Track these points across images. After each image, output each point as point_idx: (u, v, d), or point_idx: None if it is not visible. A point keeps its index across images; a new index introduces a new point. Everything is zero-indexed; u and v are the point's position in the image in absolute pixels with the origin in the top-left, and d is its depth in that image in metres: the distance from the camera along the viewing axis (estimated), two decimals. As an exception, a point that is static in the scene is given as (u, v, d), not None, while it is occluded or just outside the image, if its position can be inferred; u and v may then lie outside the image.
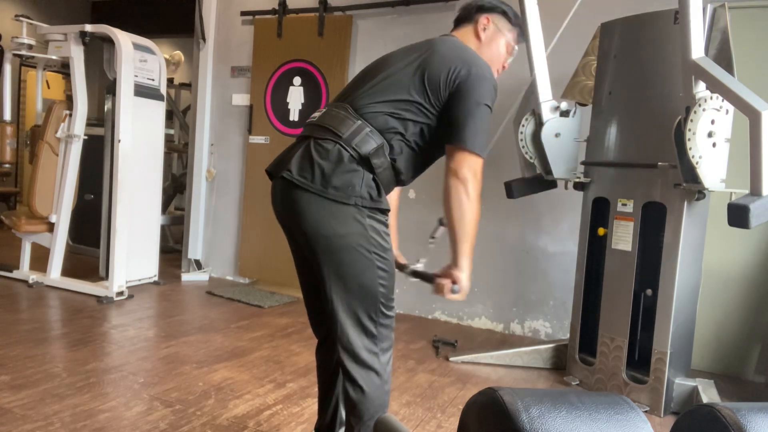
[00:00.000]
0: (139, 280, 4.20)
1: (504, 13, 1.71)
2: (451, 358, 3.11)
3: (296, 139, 1.60)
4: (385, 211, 1.52)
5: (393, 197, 1.83)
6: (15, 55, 4.05)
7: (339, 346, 1.53)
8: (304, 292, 1.71)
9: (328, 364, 1.74)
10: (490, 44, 1.68)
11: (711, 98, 2.26)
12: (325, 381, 1.77)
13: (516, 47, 1.74)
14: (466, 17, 1.72)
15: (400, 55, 1.61)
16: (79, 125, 3.91)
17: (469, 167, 1.47)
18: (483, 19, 1.68)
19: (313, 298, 1.68)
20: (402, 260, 1.84)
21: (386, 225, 1.53)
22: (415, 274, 1.68)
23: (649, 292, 2.67)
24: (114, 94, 3.97)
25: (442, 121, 1.52)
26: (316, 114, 1.59)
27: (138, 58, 3.97)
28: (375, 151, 1.46)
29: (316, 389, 2.51)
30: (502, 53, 1.71)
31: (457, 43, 1.61)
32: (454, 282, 1.54)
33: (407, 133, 1.51)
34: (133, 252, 4.02)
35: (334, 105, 1.57)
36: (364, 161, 1.46)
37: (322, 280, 1.50)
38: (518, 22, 1.73)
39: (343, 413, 1.75)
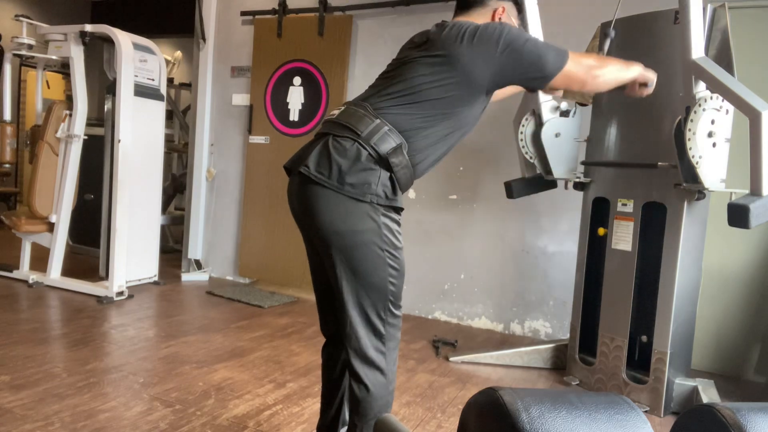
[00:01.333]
0: (139, 280, 4.20)
1: (515, 2, 1.74)
2: (451, 358, 3.11)
3: (314, 136, 1.60)
4: (399, 210, 1.53)
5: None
6: (15, 55, 4.05)
7: (347, 343, 1.54)
8: (316, 289, 1.72)
9: (335, 363, 1.74)
10: None
11: (711, 98, 2.25)
12: (330, 379, 1.77)
13: None
14: (475, 3, 1.70)
15: (413, 51, 1.59)
16: (79, 125, 3.91)
17: (578, 72, 1.55)
18: (500, 9, 1.69)
19: (324, 296, 1.68)
20: None
21: (399, 224, 1.55)
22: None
23: (644, 338, 2.67)
24: (114, 94, 3.97)
25: (507, 82, 1.59)
26: (335, 111, 1.59)
27: (138, 58, 3.97)
28: (393, 151, 1.47)
29: (316, 389, 2.52)
30: None
31: (462, 25, 1.57)
32: (642, 84, 1.74)
33: (425, 126, 1.52)
34: (133, 252, 4.02)
35: (353, 103, 1.58)
36: (383, 160, 1.47)
37: (334, 276, 1.51)
38: (523, 8, 1.80)
39: (346, 412, 1.75)
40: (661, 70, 2.55)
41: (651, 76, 1.75)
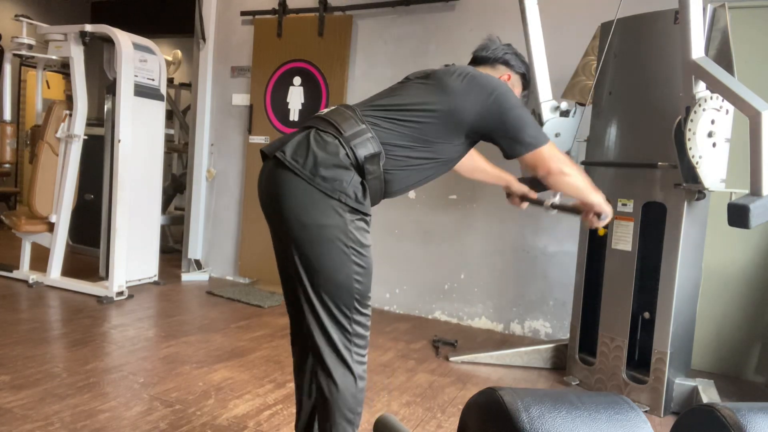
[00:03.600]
0: (139, 280, 4.20)
1: (523, 76, 1.83)
2: (451, 358, 3.11)
3: (299, 128, 1.61)
4: (366, 215, 1.52)
5: (479, 162, 1.99)
6: (15, 55, 4.05)
7: (313, 341, 1.51)
8: (283, 284, 1.69)
9: (304, 359, 1.72)
10: None
11: (711, 98, 2.26)
12: (301, 376, 1.74)
13: None
14: (487, 61, 1.81)
15: (417, 77, 1.67)
16: (79, 125, 3.91)
17: (551, 159, 1.58)
18: (506, 76, 1.79)
19: (291, 290, 1.64)
20: (533, 195, 1.96)
21: (368, 223, 1.54)
22: (556, 206, 1.81)
23: (646, 315, 2.67)
24: (114, 94, 3.97)
25: (479, 140, 1.64)
26: (324, 110, 1.62)
27: (138, 58, 3.97)
28: (370, 157, 1.48)
29: (316, 389, 2.51)
30: None
31: (468, 71, 1.65)
32: (597, 214, 1.70)
33: (407, 149, 1.54)
34: (133, 252, 4.02)
35: (344, 105, 1.60)
36: (358, 164, 1.47)
37: (297, 271, 1.49)
38: (529, 85, 1.86)
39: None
40: (661, 70, 2.57)
41: (608, 210, 1.72)
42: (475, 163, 1.97)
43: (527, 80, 1.85)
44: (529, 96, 2.99)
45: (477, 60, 1.83)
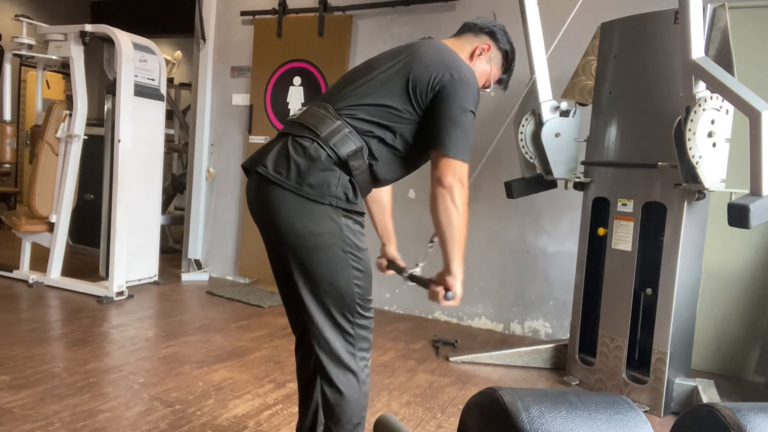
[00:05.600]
0: (139, 280, 4.20)
1: (506, 54, 1.71)
2: (451, 358, 3.11)
3: (276, 136, 1.58)
4: (360, 213, 1.50)
5: (386, 198, 1.82)
6: (15, 55, 4.05)
7: (316, 347, 1.50)
8: (281, 291, 1.68)
9: (307, 364, 1.69)
10: (475, 69, 1.64)
11: (711, 98, 2.26)
12: (304, 381, 1.73)
13: (490, 88, 1.74)
14: (472, 29, 1.70)
15: (384, 58, 1.59)
16: (79, 125, 3.91)
17: (454, 175, 1.44)
18: (485, 46, 1.67)
19: (289, 297, 1.63)
20: (401, 263, 1.84)
21: (362, 225, 1.52)
22: (412, 278, 1.67)
23: (649, 291, 2.67)
24: (114, 94, 3.97)
25: (425, 125, 1.51)
26: (297, 112, 1.57)
27: (138, 58, 3.97)
28: (354, 153, 1.45)
29: (316, 389, 2.51)
30: (479, 82, 1.66)
31: (441, 47, 1.59)
32: (447, 289, 1.52)
33: (387, 136, 1.50)
34: (133, 252, 4.02)
35: (315, 104, 1.55)
36: (342, 162, 1.44)
37: (295, 280, 1.48)
38: (510, 69, 1.73)
39: (322, 415, 1.72)
40: (661, 70, 2.57)
41: (457, 291, 1.52)
42: (381, 195, 1.80)
43: (509, 62, 1.71)
44: (529, 96, 3.00)
45: (463, 27, 1.72)
